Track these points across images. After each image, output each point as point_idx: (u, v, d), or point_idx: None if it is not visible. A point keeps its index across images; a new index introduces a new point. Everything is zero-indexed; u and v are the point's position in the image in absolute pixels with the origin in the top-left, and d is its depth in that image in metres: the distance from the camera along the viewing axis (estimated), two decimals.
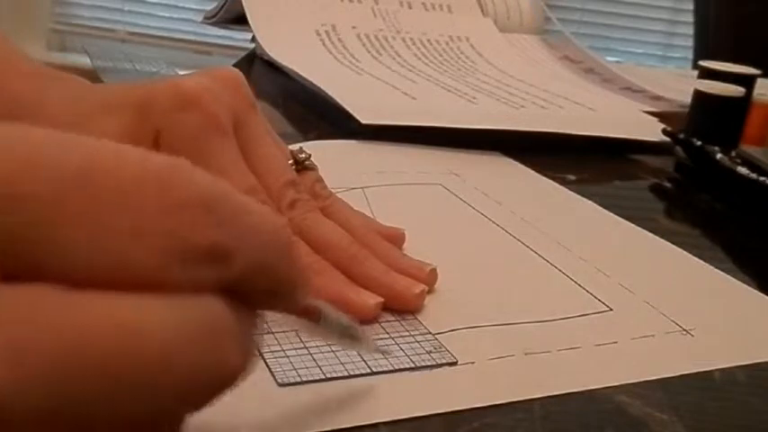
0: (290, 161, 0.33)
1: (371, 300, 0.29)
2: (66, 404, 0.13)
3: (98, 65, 0.58)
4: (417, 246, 0.35)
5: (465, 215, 0.40)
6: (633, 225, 0.42)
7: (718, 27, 1.26)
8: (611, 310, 0.32)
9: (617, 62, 0.87)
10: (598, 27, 2.23)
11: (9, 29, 2.15)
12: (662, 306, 0.33)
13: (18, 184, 0.13)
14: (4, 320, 0.13)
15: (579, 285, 0.34)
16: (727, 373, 0.29)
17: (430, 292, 0.31)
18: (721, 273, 0.37)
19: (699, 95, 0.54)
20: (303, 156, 0.34)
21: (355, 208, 0.35)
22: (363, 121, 0.50)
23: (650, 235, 0.41)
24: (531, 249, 0.37)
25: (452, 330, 0.28)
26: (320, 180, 0.34)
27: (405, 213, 0.38)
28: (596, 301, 0.32)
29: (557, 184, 0.47)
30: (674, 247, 0.39)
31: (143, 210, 0.14)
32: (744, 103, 0.54)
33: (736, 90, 0.53)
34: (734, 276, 0.37)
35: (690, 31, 1.43)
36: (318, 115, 0.56)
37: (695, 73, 0.60)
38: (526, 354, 0.28)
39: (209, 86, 0.30)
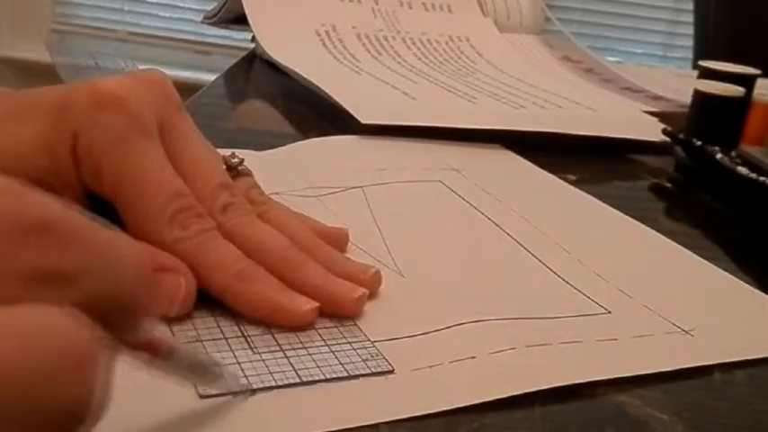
0: (223, 167, 0.31)
1: (307, 305, 0.27)
2: None
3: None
4: (413, 246, 0.35)
5: (462, 215, 0.40)
6: (635, 221, 0.42)
7: (718, 27, 1.26)
8: (610, 313, 0.32)
9: (617, 62, 0.87)
10: (598, 27, 2.23)
11: (9, 29, 2.15)
12: (661, 309, 0.32)
13: None
14: None
15: (576, 289, 0.33)
16: (727, 373, 0.29)
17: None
18: (721, 271, 0.37)
19: (699, 95, 0.54)
20: (236, 161, 0.32)
21: (354, 207, 0.34)
22: (363, 121, 0.50)
23: (652, 231, 0.40)
24: (528, 251, 0.36)
25: (451, 327, 0.28)
26: (256, 185, 0.32)
27: (402, 213, 0.39)
28: (594, 304, 0.32)
29: (558, 179, 0.47)
30: (675, 244, 0.39)
31: None
32: (744, 103, 0.54)
33: (736, 90, 0.53)
34: (734, 276, 0.37)
35: (690, 31, 1.43)
36: (318, 115, 0.56)
37: (695, 73, 0.60)
38: (527, 346, 0.28)
39: (131, 86, 0.29)
